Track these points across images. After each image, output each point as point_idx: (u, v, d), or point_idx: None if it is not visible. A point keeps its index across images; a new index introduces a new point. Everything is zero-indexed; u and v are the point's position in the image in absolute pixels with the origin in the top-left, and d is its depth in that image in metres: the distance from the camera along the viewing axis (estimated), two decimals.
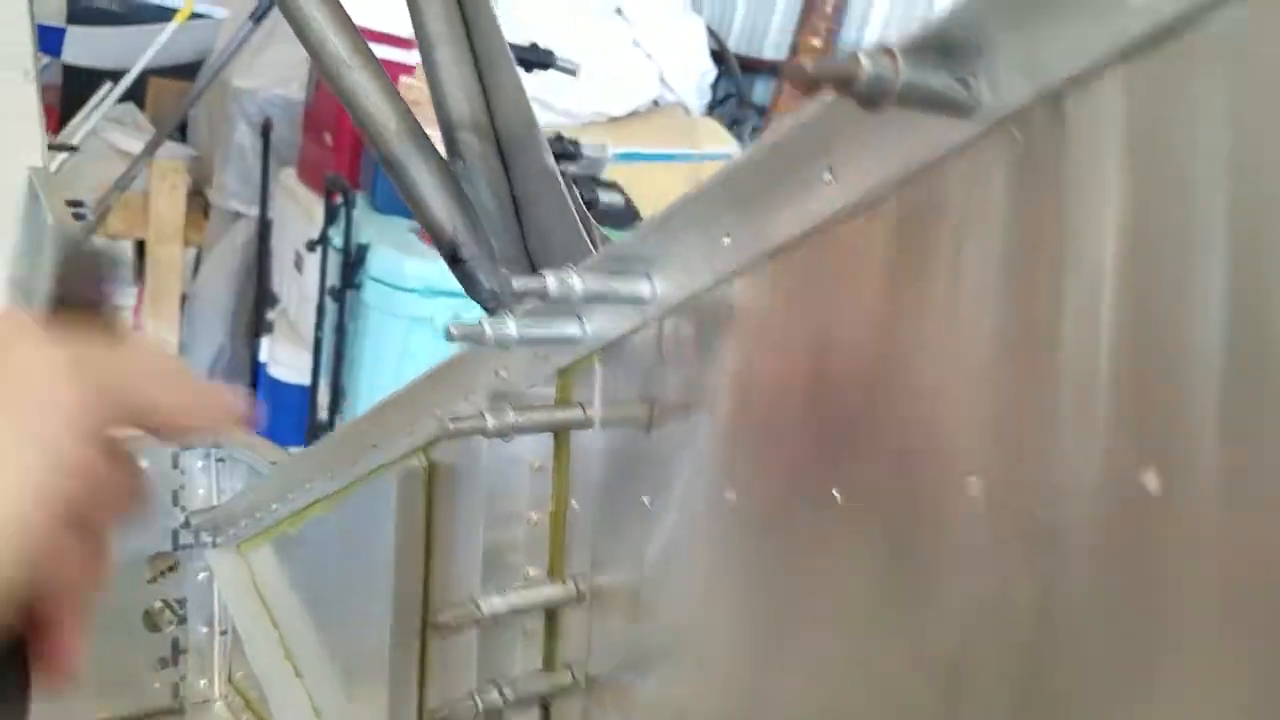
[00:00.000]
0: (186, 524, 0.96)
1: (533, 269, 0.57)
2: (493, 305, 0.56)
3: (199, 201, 3.28)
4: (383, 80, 0.53)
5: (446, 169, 0.54)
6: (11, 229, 1.51)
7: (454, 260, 0.54)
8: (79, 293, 0.37)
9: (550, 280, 0.45)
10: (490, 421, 0.52)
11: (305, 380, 2.70)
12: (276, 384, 2.85)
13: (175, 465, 0.96)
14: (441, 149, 0.57)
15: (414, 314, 2.34)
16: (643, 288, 0.48)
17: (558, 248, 0.56)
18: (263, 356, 2.94)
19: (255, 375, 3.04)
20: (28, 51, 1.44)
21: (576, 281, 0.46)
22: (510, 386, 0.59)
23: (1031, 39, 0.30)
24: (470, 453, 0.63)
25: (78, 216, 1.67)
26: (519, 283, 0.45)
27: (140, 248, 3.07)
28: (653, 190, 2.61)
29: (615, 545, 0.54)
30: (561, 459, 0.57)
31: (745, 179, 0.41)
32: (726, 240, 0.43)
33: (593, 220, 0.55)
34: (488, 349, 0.53)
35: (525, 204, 0.57)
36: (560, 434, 0.57)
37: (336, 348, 2.48)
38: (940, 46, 0.31)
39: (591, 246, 0.54)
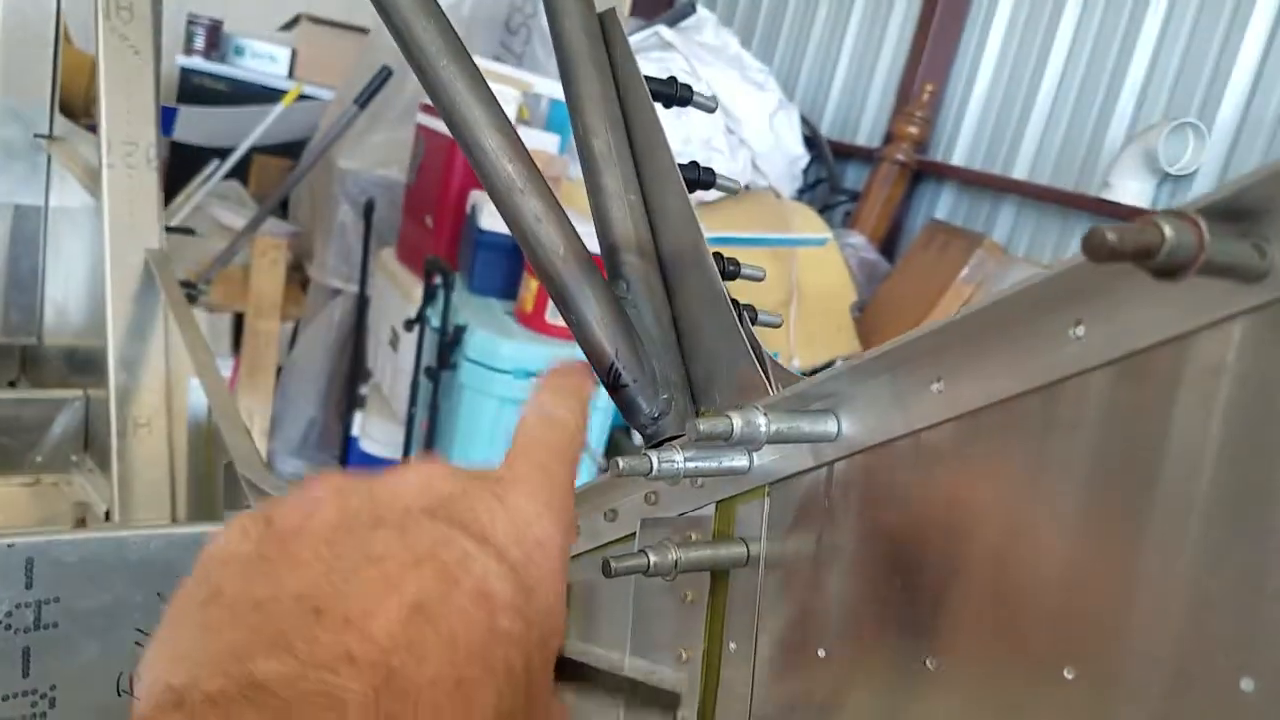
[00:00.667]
0: None
1: (693, 394, 0.55)
2: (651, 431, 0.54)
3: (297, 276, 3.35)
4: (552, 204, 0.51)
5: (611, 294, 0.51)
6: (127, 309, 1.54)
7: (614, 386, 0.51)
8: None
9: (736, 421, 0.42)
10: (652, 559, 0.49)
11: (396, 455, 2.71)
12: (367, 458, 2.87)
13: None
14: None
15: (507, 395, 2.34)
16: (829, 427, 0.44)
17: (724, 372, 0.53)
18: (355, 430, 2.96)
19: (346, 448, 3.06)
20: (151, 140, 1.47)
21: (762, 421, 0.43)
22: (661, 511, 0.56)
23: None
24: None
25: (190, 298, 1.70)
26: (705, 425, 0.42)
27: (239, 320, 3.13)
28: None
29: (780, 700, 0.50)
30: (719, 595, 0.54)
31: (972, 325, 0.37)
32: (937, 386, 0.40)
33: (762, 345, 0.52)
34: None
35: (688, 326, 0.55)
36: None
37: (430, 425, 2.48)
38: (1237, 211, 0.28)
39: (763, 372, 0.51)
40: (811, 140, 3.60)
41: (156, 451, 1.49)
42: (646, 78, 0.57)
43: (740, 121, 3.22)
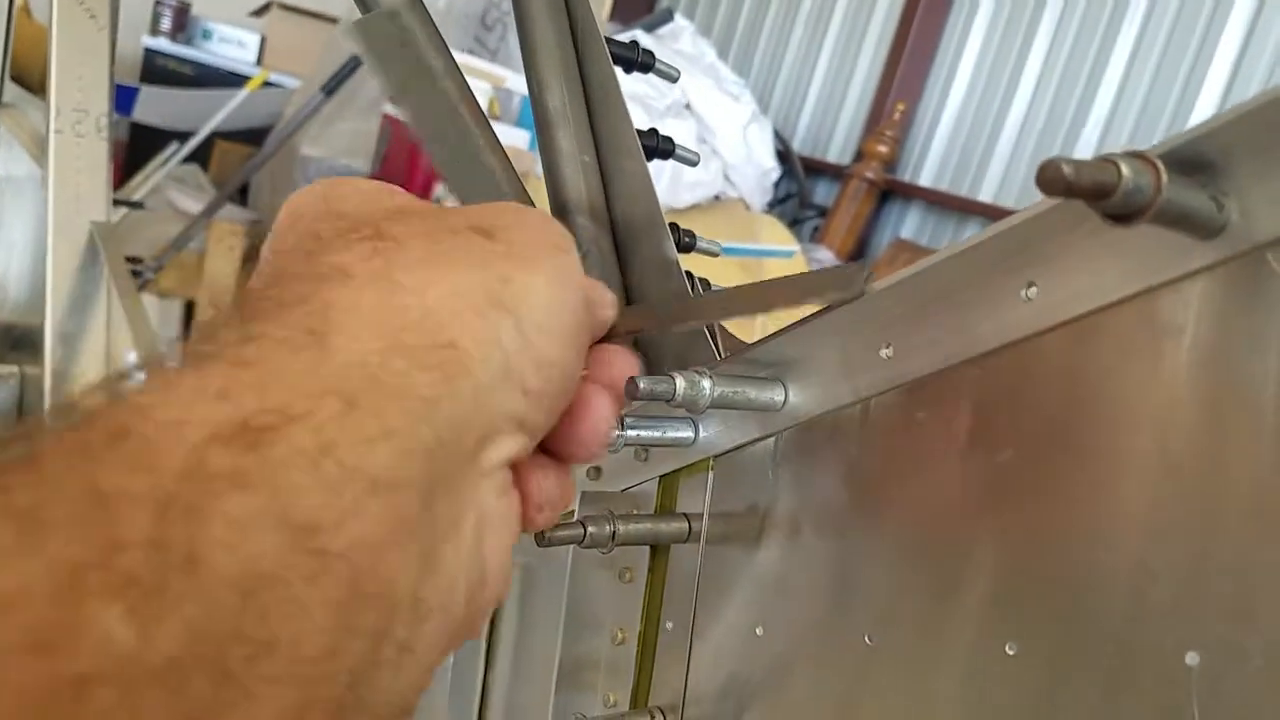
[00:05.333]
0: None
1: (645, 364, 0.53)
2: None
3: (253, 265, 3.29)
4: (503, 160, 0.50)
5: None
6: (68, 282, 1.50)
7: None
8: None
9: (680, 382, 0.41)
10: (589, 530, 0.47)
11: None
12: None
13: None
14: None
15: None
16: (775, 396, 0.43)
17: (674, 342, 0.51)
18: None
19: None
20: (103, 109, 1.44)
21: (706, 384, 0.41)
22: (604, 486, 0.55)
23: None
24: (547, 549, 0.58)
25: (136, 274, 1.66)
26: (645, 383, 0.40)
27: (190, 308, 3.07)
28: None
29: (715, 679, 0.48)
30: (657, 572, 0.52)
31: (921, 288, 0.36)
32: (886, 352, 0.38)
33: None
34: None
35: (639, 294, 0.53)
36: (657, 545, 0.52)
37: None
38: (1194, 162, 0.27)
39: (714, 345, 0.49)
40: (783, 154, 3.61)
41: None
42: (607, 39, 0.56)
43: (714, 131, 3.21)
